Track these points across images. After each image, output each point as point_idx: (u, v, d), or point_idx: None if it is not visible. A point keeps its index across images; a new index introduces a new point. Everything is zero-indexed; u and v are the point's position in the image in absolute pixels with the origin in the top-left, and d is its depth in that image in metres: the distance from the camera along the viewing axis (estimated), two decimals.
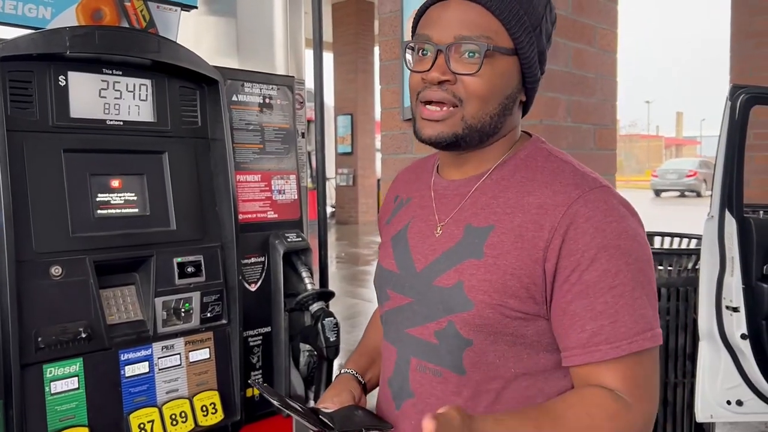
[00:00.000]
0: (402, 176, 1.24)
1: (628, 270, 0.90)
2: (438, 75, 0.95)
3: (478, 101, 0.96)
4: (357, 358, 1.23)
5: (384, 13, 2.66)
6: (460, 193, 1.04)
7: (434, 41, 0.96)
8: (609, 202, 0.93)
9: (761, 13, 4.93)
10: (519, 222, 0.94)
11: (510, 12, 0.95)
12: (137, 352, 1.27)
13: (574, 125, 2.44)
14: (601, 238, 0.90)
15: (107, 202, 1.26)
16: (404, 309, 1.06)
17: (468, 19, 0.95)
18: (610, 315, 0.89)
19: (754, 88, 2.22)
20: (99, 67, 1.26)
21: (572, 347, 0.92)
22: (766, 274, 2.21)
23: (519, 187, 0.98)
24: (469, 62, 0.94)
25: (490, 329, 0.94)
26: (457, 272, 0.97)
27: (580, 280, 0.90)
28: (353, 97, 12.81)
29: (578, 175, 0.96)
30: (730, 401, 2.25)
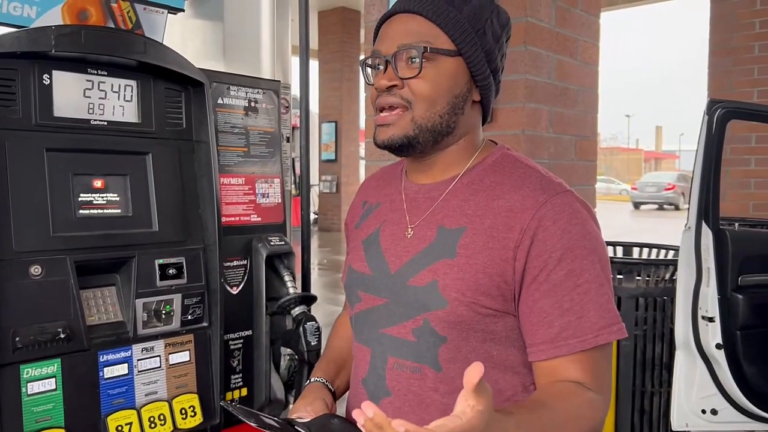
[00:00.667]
0: (369, 182, 1.28)
1: (593, 269, 0.97)
2: (385, 81, 1.03)
3: (425, 101, 1.02)
4: (325, 366, 1.25)
5: (370, 22, 2.68)
6: (431, 196, 1.09)
7: (383, 54, 1.04)
8: (573, 206, 1.00)
9: (738, 30, 5.03)
10: (490, 224, 1.00)
11: (446, 17, 1.03)
12: (116, 354, 1.26)
13: (555, 136, 2.47)
14: (567, 239, 0.97)
15: (89, 202, 1.26)
16: (378, 310, 1.08)
17: (409, 28, 1.03)
18: (576, 311, 0.95)
19: (730, 103, 2.27)
20: (84, 66, 1.26)
21: (540, 342, 0.97)
22: (740, 285, 2.24)
23: (489, 191, 1.04)
24: (412, 67, 1.02)
25: (463, 326, 0.99)
26: (432, 272, 1.01)
27: (548, 279, 0.96)
28: (338, 105, 12.82)
29: (545, 180, 1.03)
30: (705, 410, 2.28)
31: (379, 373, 1.08)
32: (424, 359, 1.02)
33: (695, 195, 2.25)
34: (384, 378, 1.07)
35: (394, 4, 1.08)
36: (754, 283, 2.26)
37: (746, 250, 2.27)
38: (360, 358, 1.13)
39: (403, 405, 1.04)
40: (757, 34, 4.97)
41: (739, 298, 2.23)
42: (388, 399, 1.06)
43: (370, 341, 1.10)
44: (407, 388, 1.04)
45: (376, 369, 1.08)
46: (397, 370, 1.05)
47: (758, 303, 2.26)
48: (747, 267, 2.26)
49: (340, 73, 12.75)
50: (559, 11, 2.47)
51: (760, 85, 4.95)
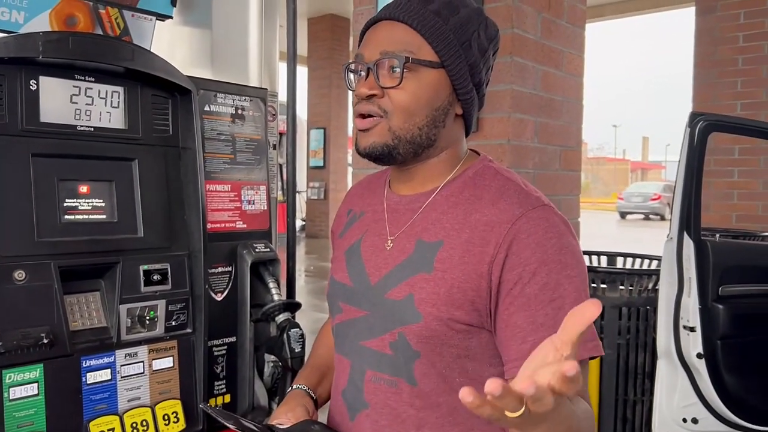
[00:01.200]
0: (355, 190, 1.28)
1: (568, 283, 0.94)
2: (365, 90, 1.02)
3: (402, 113, 1.01)
4: (308, 374, 1.24)
5: (358, 29, 2.70)
6: (412, 208, 1.08)
7: (365, 60, 1.03)
8: (550, 219, 0.98)
9: (723, 43, 5.11)
10: (466, 238, 0.98)
11: (432, 28, 1.01)
12: (100, 359, 1.26)
13: (540, 146, 2.50)
14: (542, 253, 0.94)
15: (75, 207, 1.26)
16: (358, 321, 1.07)
17: (392, 36, 1.02)
18: (550, 327, 0.92)
19: (711, 116, 2.30)
20: (71, 72, 1.26)
21: (514, 359, 0.94)
22: (721, 295, 2.28)
23: (467, 205, 1.02)
24: (393, 76, 1.01)
25: (437, 341, 0.98)
26: (408, 285, 1.00)
27: (522, 293, 0.94)
28: (326, 112, 12.85)
29: (522, 193, 1.01)
30: (686, 419, 2.31)
31: (357, 386, 1.07)
32: (400, 373, 1.01)
33: (677, 206, 2.28)
34: (362, 390, 1.06)
35: (380, 9, 1.07)
36: (734, 293, 2.30)
37: (727, 261, 2.30)
38: (340, 369, 1.13)
39: (380, 418, 1.03)
40: (740, 48, 5.05)
41: (719, 308, 2.27)
42: (365, 411, 1.05)
43: (350, 353, 1.09)
44: (384, 401, 1.03)
45: (355, 381, 1.08)
46: (375, 383, 1.04)
47: (738, 313, 2.29)
48: (727, 277, 2.29)
49: (329, 79, 12.78)
50: (544, 23, 2.50)
51: (743, 97, 5.03)
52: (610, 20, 12.34)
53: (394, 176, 1.14)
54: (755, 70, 4.98)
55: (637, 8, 11.50)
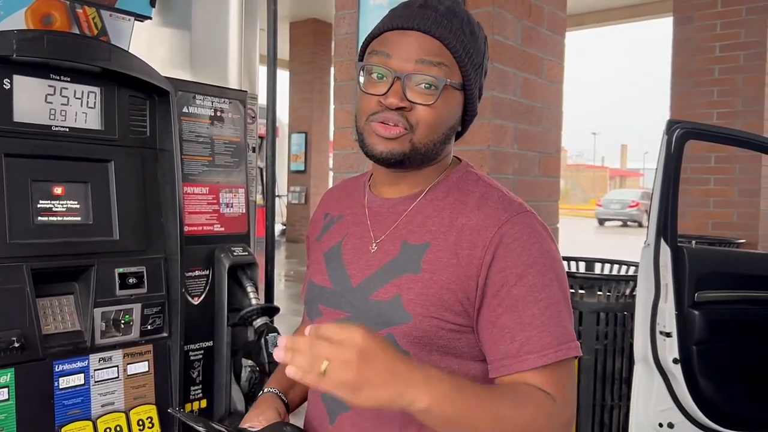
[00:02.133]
0: (331, 194, 1.28)
1: (552, 285, 0.98)
2: (396, 101, 0.99)
3: (428, 130, 1.01)
4: (279, 378, 1.23)
5: (339, 34, 2.69)
6: (396, 211, 1.09)
7: (394, 68, 1.00)
8: (533, 225, 1.01)
9: (699, 53, 5.19)
10: (453, 240, 1.00)
11: (463, 49, 1.02)
12: (73, 364, 1.24)
13: (520, 152, 2.51)
14: (527, 256, 0.98)
15: (49, 209, 1.24)
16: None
17: (429, 50, 1.00)
18: (536, 326, 0.96)
19: (688, 124, 2.33)
20: (46, 72, 1.24)
21: (501, 357, 0.97)
22: (697, 301, 2.30)
23: (452, 209, 1.04)
24: (424, 93, 0.99)
25: (426, 341, 0.99)
26: (395, 286, 1.01)
27: (509, 295, 0.97)
28: (308, 116, 12.82)
29: (506, 200, 1.04)
30: (662, 424, 2.32)
31: None
32: None
33: (654, 212, 2.30)
34: None
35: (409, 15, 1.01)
36: (709, 299, 2.32)
37: (703, 268, 2.33)
38: None
39: (362, 420, 1.03)
40: (716, 58, 5.12)
41: (695, 314, 2.29)
42: (346, 414, 1.05)
43: None
44: None
45: None
46: None
47: (713, 319, 2.31)
48: (703, 284, 2.32)
49: (310, 84, 12.76)
50: (525, 30, 2.52)
51: (719, 107, 5.10)
52: (590, 29, 12.49)
53: (380, 179, 1.13)
54: (731, 79, 5.06)
55: (617, 17, 11.65)
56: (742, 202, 5.02)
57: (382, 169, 1.09)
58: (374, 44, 1.05)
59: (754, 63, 4.98)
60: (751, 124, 4.77)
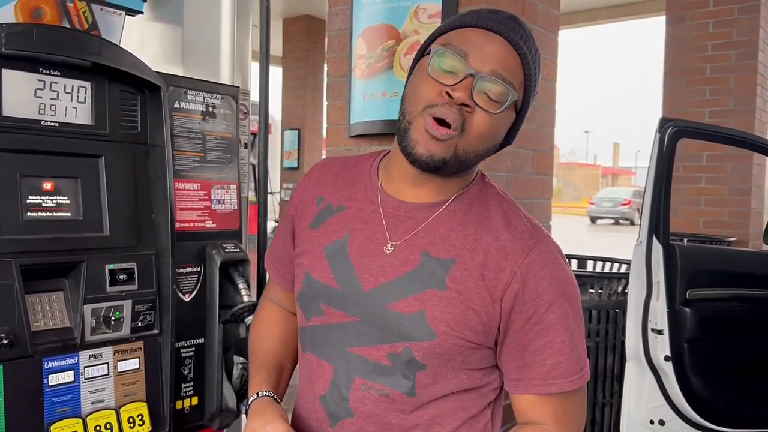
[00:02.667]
0: (323, 176, 1.17)
1: (575, 313, 1.02)
2: (464, 96, 0.94)
3: (476, 138, 0.97)
4: (267, 376, 1.14)
5: (333, 30, 2.68)
6: (414, 217, 1.04)
7: (472, 66, 0.95)
8: (555, 251, 1.04)
9: (692, 52, 5.21)
10: (480, 261, 1.00)
11: (535, 74, 1.00)
12: (62, 361, 1.22)
13: (513, 150, 2.51)
14: (557, 285, 1.00)
15: (38, 204, 1.22)
16: (345, 327, 1.03)
17: (508, 62, 0.97)
18: (566, 353, 1.00)
19: (681, 122, 2.34)
20: (36, 66, 1.23)
21: (532, 378, 1.01)
22: (688, 298, 2.31)
23: (476, 225, 1.03)
24: (492, 103, 0.95)
25: (445, 357, 1.00)
26: (418, 301, 0.99)
27: (541, 321, 0.99)
28: (301, 113, 12.79)
29: (529, 222, 1.05)
30: (653, 421, 2.33)
31: (341, 393, 1.03)
32: (396, 384, 1.00)
33: (647, 210, 2.31)
34: (347, 399, 1.02)
35: (498, 20, 0.98)
36: (701, 297, 2.34)
37: (694, 265, 2.34)
38: (319, 374, 1.06)
39: (366, 425, 1.01)
40: (709, 57, 5.14)
41: (687, 311, 2.30)
42: (350, 420, 1.02)
43: (333, 358, 1.04)
44: (372, 410, 1.01)
45: (338, 388, 1.03)
46: (364, 391, 1.01)
47: (705, 316, 2.33)
48: (695, 281, 2.33)
49: (303, 80, 12.72)
50: None
51: (711, 105, 5.12)
52: (583, 27, 12.51)
53: (399, 176, 1.06)
54: (723, 78, 5.08)
55: (609, 16, 11.68)
56: (733, 201, 5.05)
57: (408, 166, 1.01)
58: (452, 36, 1.00)
59: (745, 62, 5.00)
60: (742, 123, 4.79)
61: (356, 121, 2.40)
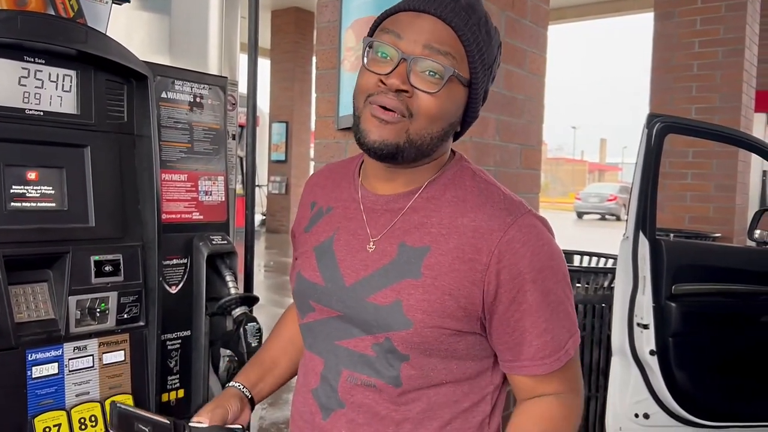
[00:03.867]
0: (316, 181, 1.22)
1: (561, 287, 1.00)
2: (399, 83, 0.94)
3: (426, 120, 0.96)
4: (248, 371, 1.22)
5: (322, 22, 2.67)
6: (391, 209, 1.04)
7: (402, 49, 0.95)
8: (538, 226, 1.00)
9: (679, 49, 5.24)
10: (455, 244, 0.97)
11: (476, 44, 0.97)
12: (46, 353, 1.21)
13: (502, 144, 2.51)
14: (539, 261, 0.97)
15: (22, 194, 1.21)
16: (332, 321, 1.05)
17: (440, 38, 0.95)
18: (552, 330, 0.98)
19: (668, 117, 2.35)
20: (20, 54, 1.21)
21: (523, 359, 1.00)
22: (674, 293, 2.33)
23: (451, 208, 1.01)
24: (429, 80, 0.95)
25: (425, 346, 0.98)
26: (394, 291, 0.98)
27: (525, 299, 0.97)
28: (289, 105, 12.74)
29: (507, 200, 1.01)
30: (638, 414, 2.35)
31: (331, 385, 1.04)
32: (381, 375, 1.00)
33: (634, 205, 2.32)
34: (336, 390, 1.04)
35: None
36: (686, 292, 2.35)
37: (680, 260, 2.36)
38: (310, 368, 1.09)
39: (357, 417, 1.02)
40: (696, 54, 5.18)
41: (672, 306, 2.32)
42: (341, 411, 1.03)
43: (324, 352, 1.06)
44: (361, 401, 1.01)
45: (328, 380, 1.05)
46: (351, 383, 1.02)
47: (690, 311, 2.35)
48: (680, 276, 2.35)
49: (292, 72, 12.67)
50: (508, 22, 2.51)
51: (698, 102, 5.16)
52: (572, 23, 12.54)
53: (372, 173, 1.08)
54: (710, 75, 5.12)
55: (598, 12, 11.72)
56: (718, 197, 5.10)
57: (376, 162, 1.03)
58: (386, 23, 1.00)
59: (732, 59, 5.04)
60: (728, 120, 4.83)
61: (345, 114, 2.39)
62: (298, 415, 1.12)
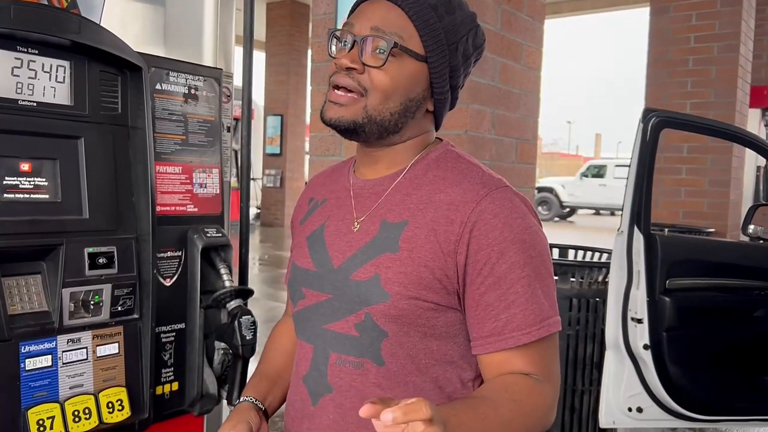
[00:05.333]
0: (317, 179, 1.28)
1: (534, 262, 0.98)
2: (347, 62, 1.01)
3: (380, 94, 1.01)
4: (256, 384, 1.23)
5: (318, 14, 2.65)
6: (376, 191, 1.09)
7: (354, 32, 1.03)
8: (513, 200, 1.01)
9: (675, 44, 5.24)
10: (431, 217, 1.00)
11: (425, 21, 1.02)
12: (39, 345, 1.20)
13: (497, 138, 2.51)
14: (509, 232, 0.97)
15: (15, 186, 1.20)
16: (322, 305, 1.07)
17: (386, 17, 1.02)
18: (520, 304, 0.97)
19: (664, 112, 2.36)
20: (13, 43, 1.20)
21: (486, 335, 0.98)
22: (668, 288, 2.34)
23: (430, 186, 1.04)
24: (377, 57, 1.01)
25: (404, 320, 0.99)
26: (374, 266, 1.01)
27: (492, 273, 0.97)
28: (284, 99, 12.70)
29: (485, 175, 1.04)
30: (632, 408, 2.37)
31: (320, 369, 1.06)
32: (366, 354, 1.01)
33: (629, 200, 2.32)
34: (325, 374, 1.05)
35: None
36: (680, 286, 2.36)
37: (674, 255, 2.36)
38: (301, 355, 1.11)
39: (345, 401, 1.03)
40: (691, 49, 5.19)
41: (666, 300, 2.33)
42: (329, 396, 1.05)
43: (313, 338, 1.08)
44: (349, 384, 1.03)
45: (317, 366, 1.07)
46: (339, 365, 1.04)
47: (684, 306, 2.35)
48: (675, 271, 2.35)
49: (287, 66, 12.63)
50: (504, 15, 2.51)
51: (693, 97, 5.18)
52: (567, 17, 12.53)
53: (359, 160, 1.14)
54: (705, 71, 5.13)
55: (594, 6, 11.71)
56: (712, 192, 5.12)
57: (361, 149, 1.09)
58: (348, 17, 1.07)
59: (727, 55, 5.05)
60: (723, 115, 4.85)
61: None
62: (290, 405, 1.13)
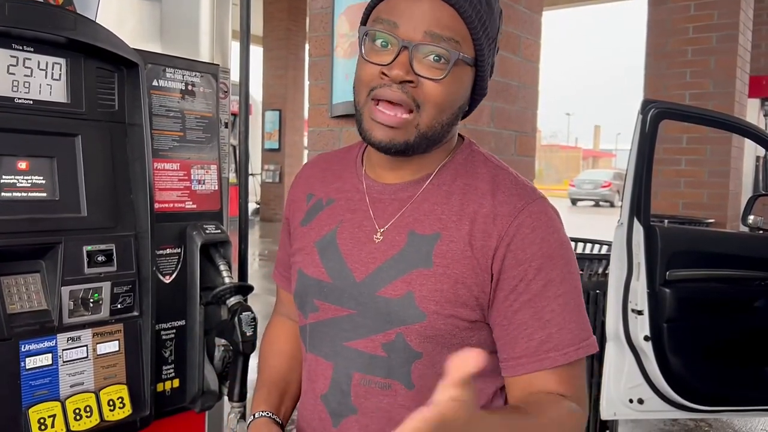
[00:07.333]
0: (312, 172, 1.16)
1: (570, 279, 0.93)
2: (402, 74, 0.89)
3: (435, 109, 0.91)
4: (267, 396, 1.14)
5: (315, 9, 2.64)
6: (399, 198, 1.00)
7: (401, 36, 0.89)
8: (549, 213, 0.95)
9: (673, 35, 5.23)
10: (467, 230, 0.93)
11: (479, 20, 0.92)
12: (40, 344, 1.20)
13: (496, 131, 2.51)
14: (546, 248, 0.92)
15: (12, 184, 1.19)
16: (341, 321, 1.00)
17: (440, 19, 0.89)
18: (557, 323, 0.91)
19: (663, 103, 2.35)
20: (8, 41, 1.19)
21: (519, 356, 0.92)
22: (668, 279, 2.34)
23: (462, 195, 0.97)
24: (434, 66, 0.89)
25: (439, 340, 0.93)
26: (405, 282, 0.94)
27: (528, 289, 0.91)
28: (282, 93, 12.67)
29: (519, 185, 0.98)
30: (633, 399, 2.37)
31: (342, 390, 0.99)
32: (394, 375, 0.95)
33: (628, 192, 2.32)
34: (349, 395, 0.98)
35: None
36: (680, 278, 2.36)
37: (674, 246, 2.36)
38: (318, 372, 1.03)
39: (371, 423, 0.97)
40: (690, 39, 5.17)
41: (666, 292, 2.33)
42: (354, 417, 0.98)
43: (331, 355, 1.01)
44: (376, 405, 0.97)
45: (339, 385, 0.99)
46: (364, 386, 0.97)
47: (684, 297, 2.36)
48: (675, 262, 2.35)
49: (285, 60, 12.60)
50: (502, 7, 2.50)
51: (692, 88, 5.16)
52: (566, 8, 12.49)
53: (377, 162, 1.03)
54: (704, 61, 5.12)
55: None
56: (712, 183, 5.11)
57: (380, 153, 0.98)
58: (380, 10, 0.94)
59: (725, 45, 5.04)
60: (722, 106, 4.84)
61: (339, 101, 2.38)
62: (305, 423, 1.06)
